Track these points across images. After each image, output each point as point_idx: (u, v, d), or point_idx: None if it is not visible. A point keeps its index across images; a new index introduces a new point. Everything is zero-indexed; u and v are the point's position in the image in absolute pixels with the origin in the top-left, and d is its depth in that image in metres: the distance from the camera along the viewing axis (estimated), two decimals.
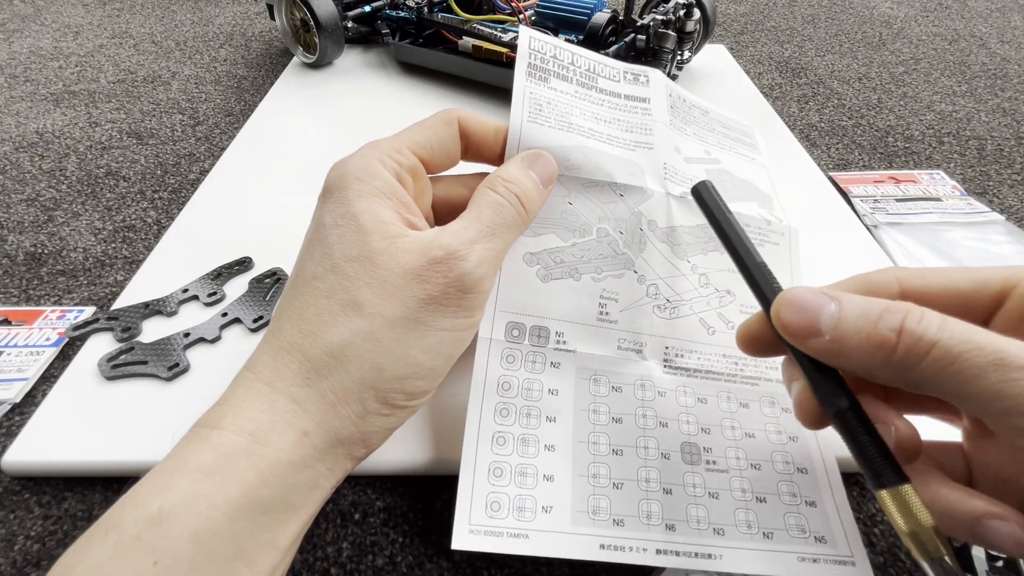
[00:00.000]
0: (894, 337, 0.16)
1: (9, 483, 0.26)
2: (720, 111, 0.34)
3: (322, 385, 0.19)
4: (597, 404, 0.25)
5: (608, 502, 0.23)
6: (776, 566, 0.22)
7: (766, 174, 0.32)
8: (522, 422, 0.24)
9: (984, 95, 0.61)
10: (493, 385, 0.24)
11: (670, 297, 0.27)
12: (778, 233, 0.29)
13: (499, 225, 0.22)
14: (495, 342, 0.25)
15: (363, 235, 0.20)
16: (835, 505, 0.24)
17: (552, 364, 0.25)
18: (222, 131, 0.53)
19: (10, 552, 0.24)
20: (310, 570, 0.23)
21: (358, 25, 0.63)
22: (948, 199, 0.45)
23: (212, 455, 0.17)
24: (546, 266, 0.26)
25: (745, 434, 0.25)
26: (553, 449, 0.24)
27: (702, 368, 0.26)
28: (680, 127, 0.30)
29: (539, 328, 0.25)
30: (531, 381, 0.25)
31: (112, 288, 0.37)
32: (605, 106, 0.29)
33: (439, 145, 0.24)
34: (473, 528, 0.22)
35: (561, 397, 0.25)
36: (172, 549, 0.16)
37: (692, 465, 0.24)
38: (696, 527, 0.23)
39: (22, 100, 0.59)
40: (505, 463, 0.23)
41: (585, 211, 0.26)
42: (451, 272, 0.20)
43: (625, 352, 0.26)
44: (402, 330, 0.20)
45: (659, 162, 0.28)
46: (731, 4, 0.86)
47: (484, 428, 0.24)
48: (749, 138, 0.34)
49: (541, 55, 0.28)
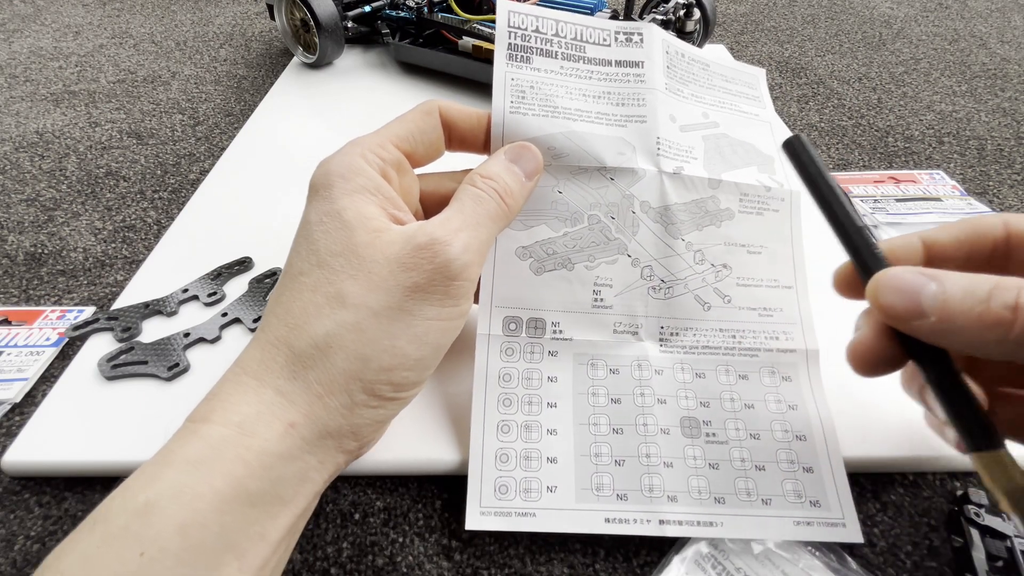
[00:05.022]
0: (1009, 314, 0.16)
1: (9, 483, 0.26)
2: (722, 62, 0.32)
3: (308, 377, 0.19)
4: (595, 387, 0.26)
5: (611, 478, 0.24)
6: (772, 530, 0.23)
7: (769, 130, 0.31)
8: (524, 410, 0.25)
9: (984, 95, 0.61)
10: (494, 378, 0.25)
11: (664, 278, 0.27)
12: (778, 199, 0.28)
13: (482, 216, 0.22)
14: (493, 337, 0.26)
15: (347, 230, 0.20)
16: (831, 470, 0.24)
17: (550, 353, 0.26)
18: (222, 131, 0.53)
19: (10, 552, 0.24)
20: (310, 570, 0.23)
21: (358, 25, 0.63)
22: (948, 199, 0.45)
23: (199, 447, 0.17)
24: (538, 259, 0.26)
25: (744, 405, 0.26)
26: (555, 433, 0.25)
27: (699, 344, 0.27)
28: (676, 90, 0.29)
29: (535, 320, 0.26)
30: (530, 371, 0.26)
31: (112, 288, 0.37)
32: (594, 79, 0.28)
33: (421, 136, 0.24)
34: (484, 510, 0.23)
35: (560, 383, 0.26)
36: (159, 540, 0.16)
37: (692, 438, 0.25)
38: (697, 497, 0.24)
39: (22, 100, 0.59)
40: (511, 449, 0.24)
41: (575, 199, 0.26)
42: (436, 259, 0.20)
43: (621, 335, 0.26)
44: (387, 320, 0.20)
45: (652, 137, 0.27)
46: (731, 4, 0.86)
47: (489, 418, 0.25)
48: (753, 90, 0.33)
49: (522, 31, 0.28)
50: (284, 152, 0.48)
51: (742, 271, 0.28)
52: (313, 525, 0.25)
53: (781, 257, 0.28)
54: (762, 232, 0.28)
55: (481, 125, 0.25)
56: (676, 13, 0.52)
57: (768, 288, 0.28)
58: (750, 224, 0.28)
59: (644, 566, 0.23)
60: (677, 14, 0.52)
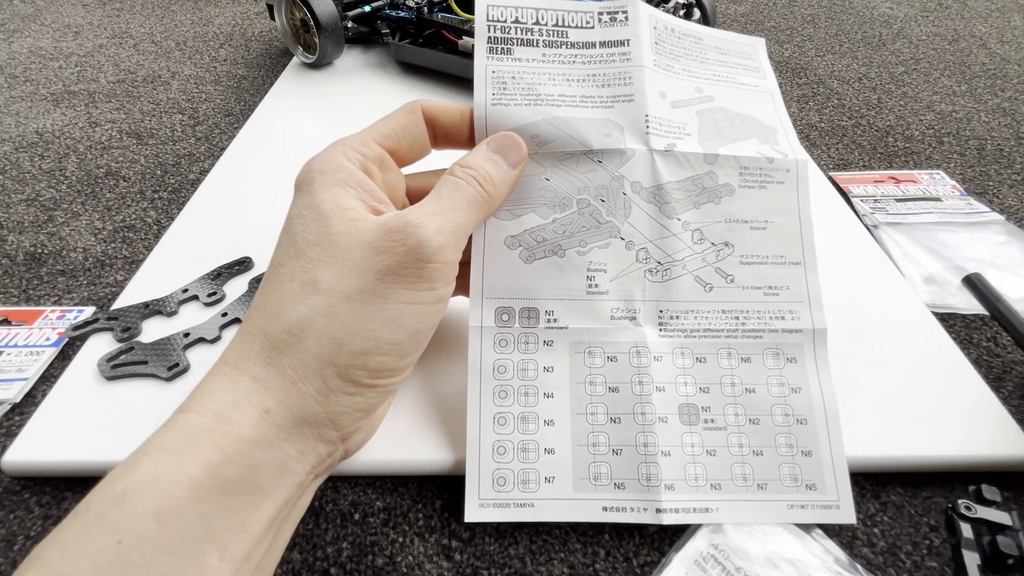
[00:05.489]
0: None
1: (9, 483, 0.26)
2: (717, 33, 0.31)
3: (282, 362, 0.19)
4: (593, 376, 0.25)
5: (608, 468, 0.24)
6: (766, 515, 0.24)
7: (770, 100, 0.30)
8: (520, 401, 0.25)
9: (984, 95, 0.61)
10: (489, 370, 0.25)
11: (661, 259, 0.26)
12: (782, 170, 0.27)
13: (458, 200, 0.22)
14: (486, 329, 0.25)
15: (324, 220, 0.20)
16: (831, 452, 0.24)
17: (545, 343, 0.26)
18: (222, 131, 0.53)
19: (10, 552, 0.24)
20: (310, 570, 0.23)
21: (358, 25, 0.63)
22: (948, 199, 0.45)
23: (175, 436, 0.18)
24: (528, 247, 0.26)
25: (745, 389, 0.25)
26: (552, 424, 0.25)
27: (700, 328, 0.26)
28: (666, 66, 0.28)
29: (528, 310, 0.26)
30: (526, 362, 0.25)
31: (112, 288, 0.37)
32: (578, 63, 0.27)
33: (405, 134, 0.24)
34: (483, 502, 0.24)
35: (557, 373, 0.25)
36: (135, 527, 0.16)
37: (690, 426, 0.25)
38: (694, 484, 0.24)
39: (22, 100, 0.59)
40: (508, 441, 0.24)
41: (563, 185, 0.26)
42: (408, 240, 0.20)
43: (618, 321, 0.26)
44: (360, 304, 0.20)
45: (640, 115, 0.26)
46: (731, 4, 0.86)
47: (485, 411, 0.25)
48: (751, 60, 0.31)
49: (502, 24, 0.27)
50: (284, 152, 0.48)
51: (746, 248, 0.27)
52: (313, 525, 0.25)
53: (788, 231, 0.27)
54: (766, 206, 0.27)
55: (464, 120, 0.25)
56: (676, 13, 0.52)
57: (774, 265, 0.27)
58: (753, 198, 0.27)
59: (644, 566, 0.23)
60: (677, 14, 0.52)
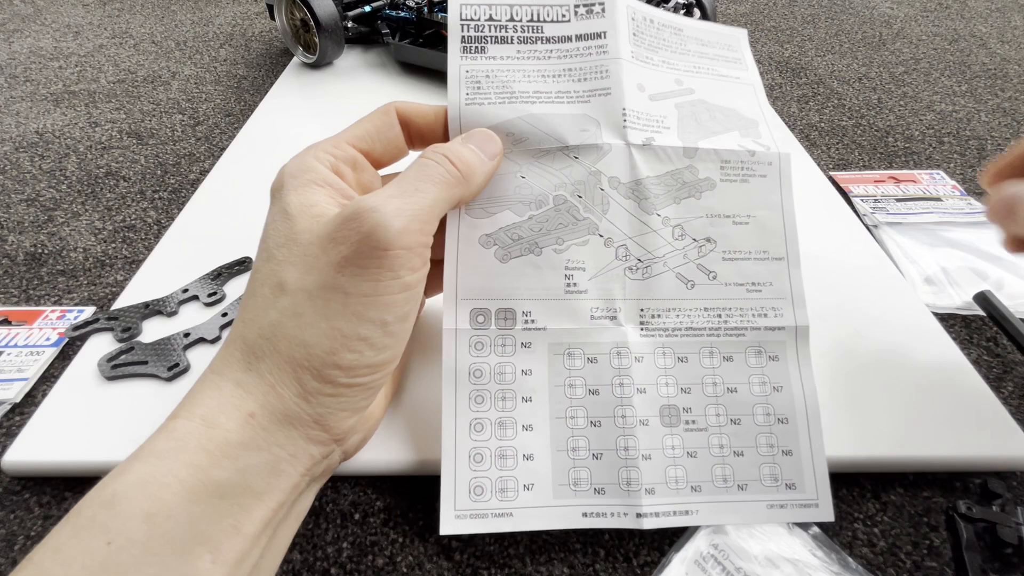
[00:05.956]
0: None
1: (9, 483, 0.26)
2: (699, 24, 0.30)
3: (260, 367, 0.19)
4: (572, 378, 0.25)
5: (588, 473, 0.24)
6: (745, 515, 0.24)
7: (752, 92, 0.29)
8: (498, 406, 0.24)
9: (984, 95, 0.61)
10: (464, 375, 0.24)
11: (641, 256, 0.26)
12: (765, 164, 0.27)
13: (423, 180, 0.21)
14: (461, 332, 0.25)
15: (289, 221, 0.20)
16: (811, 451, 0.24)
17: (523, 345, 0.25)
18: (222, 131, 0.53)
19: (10, 552, 0.24)
20: (310, 570, 0.23)
21: (358, 25, 0.63)
22: (948, 199, 0.45)
23: (164, 441, 0.18)
24: (503, 245, 0.25)
25: (727, 389, 0.25)
26: (531, 429, 0.24)
27: (682, 326, 0.26)
28: (645, 58, 0.28)
29: (505, 311, 0.25)
30: (503, 365, 0.25)
31: (112, 288, 0.37)
32: (553, 58, 0.27)
33: (379, 136, 0.24)
34: (459, 513, 0.23)
35: (535, 376, 0.25)
36: (125, 529, 0.16)
37: (671, 428, 0.25)
38: (675, 487, 0.24)
39: (22, 100, 0.59)
40: (484, 448, 0.24)
41: (539, 182, 0.25)
42: (363, 227, 0.19)
43: (598, 321, 0.25)
44: (322, 301, 0.19)
45: (617, 109, 0.26)
46: (731, 4, 0.86)
47: (460, 417, 0.24)
48: (733, 52, 0.30)
49: (475, 22, 0.27)
50: (284, 152, 0.47)
51: (728, 244, 0.26)
52: (313, 525, 0.25)
53: (771, 226, 0.27)
54: (749, 200, 0.27)
55: (439, 120, 0.25)
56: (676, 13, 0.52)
57: (757, 261, 0.26)
58: (734, 193, 0.26)
59: (644, 566, 0.23)
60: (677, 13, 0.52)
